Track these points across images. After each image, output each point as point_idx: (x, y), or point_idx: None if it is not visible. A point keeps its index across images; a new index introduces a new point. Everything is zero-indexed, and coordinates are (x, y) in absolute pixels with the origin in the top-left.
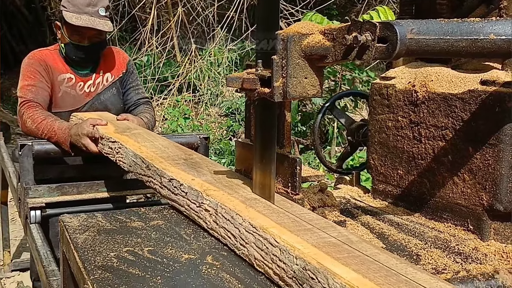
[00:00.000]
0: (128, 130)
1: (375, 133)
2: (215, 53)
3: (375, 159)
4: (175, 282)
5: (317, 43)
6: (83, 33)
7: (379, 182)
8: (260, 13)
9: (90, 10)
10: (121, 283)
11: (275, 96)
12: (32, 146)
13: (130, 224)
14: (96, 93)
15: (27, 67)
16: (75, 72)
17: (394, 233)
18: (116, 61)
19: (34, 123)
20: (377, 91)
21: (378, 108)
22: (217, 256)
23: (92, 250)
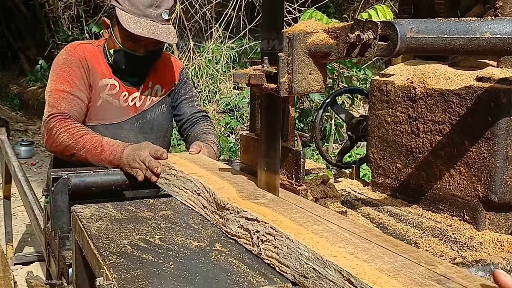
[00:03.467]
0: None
1: (375, 128)
2: (213, 51)
3: (374, 153)
4: (187, 267)
5: (321, 41)
6: (140, 41)
7: (378, 175)
8: (265, 11)
9: (152, 12)
10: (136, 268)
11: (281, 91)
12: (68, 179)
13: (140, 214)
14: (142, 110)
15: (64, 65)
16: (120, 79)
17: (393, 223)
18: (168, 71)
19: (73, 136)
20: (377, 87)
21: (377, 104)
22: (225, 244)
23: (106, 238)
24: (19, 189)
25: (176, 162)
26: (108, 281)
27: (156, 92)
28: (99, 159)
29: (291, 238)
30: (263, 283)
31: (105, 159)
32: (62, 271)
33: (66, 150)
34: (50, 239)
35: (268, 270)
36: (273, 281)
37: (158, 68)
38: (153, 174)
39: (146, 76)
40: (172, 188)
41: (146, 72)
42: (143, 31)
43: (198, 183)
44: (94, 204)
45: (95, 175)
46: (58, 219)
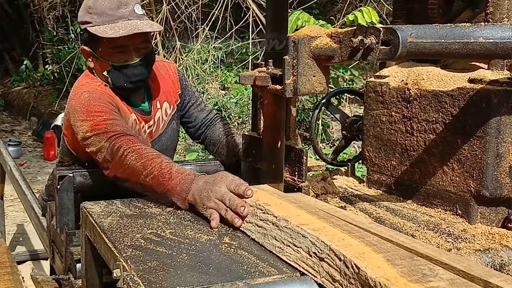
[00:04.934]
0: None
1: (370, 127)
2: (199, 51)
3: (370, 151)
4: (200, 258)
5: (324, 45)
6: (127, 46)
7: (373, 173)
8: (270, 16)
9: (123, 12)
10: (151, 259)
11: (286, 92)
12: (73, 178)
13: (149, 210)
14: (158, 135)
15: (92, 102)
16: (136, 111)
17: (390, 218)
18: (167, 82)
19: (141, 158)
20: (372, 88)
21: (372, 104)
22: (233, 237)
23: (119, 232)
24: (17, 189)
25: (269, 201)
26: (127, 271)
27: (165, 110)
28: (165, 189)
29: None
30: (273, 273)
31: (172, 189)
32: (69, 267)
33: (133, 175)
34: (55, 236)
35: (277, 260)
36: (283, 271)
37: (156, 81)
38: (237, 215)
39: (150, 96)
40: (269, 240)
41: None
42: (123, 31)
43: (318, 242)
44: (103, 201)
45: (99, 173)
46: (63, 216)
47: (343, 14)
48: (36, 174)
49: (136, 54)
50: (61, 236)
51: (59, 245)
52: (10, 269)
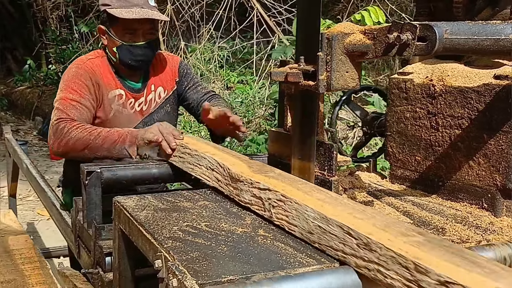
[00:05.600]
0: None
1: (393, 123)
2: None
3: (393, 147)
4: (239, 249)
5: (358, 41)
6: (137, 29)
7: (397, 168)
8: (301, 13)
9: (138, 1)
10: (192, 250)
11: (320, 88)
12: (101, 173)
13: (180, 204)
14: (149, 113)
15: (74, 77)
16: (126, 87)
17: (417, 211)
18: (167, 71)
19: (86, 130)
20: (395, 85)
21: (396, 100)
22: (267, 230)
23: (156, 225)
24: (35, 187)
25: (189, 142)
26: (171, 262)
27: (159, 94)
28: (116, 143)
29: (299, 202)
30: (312, 263)
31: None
32: (98, 260)
33: (81, 144)
34: (81, 231)
35: (314, 251)
36: (321, 261)
37: (157, 70)
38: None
39: (148, 80)
40: (186, 165)
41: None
42: (136, 16)
43: (212, 160)
44: (134, 195)
45: (126, 169)
46: (91, 211)
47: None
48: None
49: (143, 37)
50: (89, 230)
51: (86, 240)
52: (39, 263)
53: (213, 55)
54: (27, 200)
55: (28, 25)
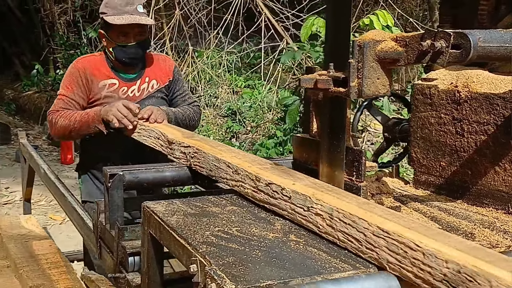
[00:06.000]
0: (195, 136)
1: (418, 129)
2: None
3: (417, 152)
4: (273, 254)
5: (390, 48)
6: (128, 33)
7: (421, 174)
8: (330, 21)
9: (129, 9)
10: (228, 255)
11: (351, 94)
12: (123, 176)
13: (209, 209)
14: (141, 98)
15: (68, 76)
16: (119, 77)
17: (444, 217)
18: (162, 68)
19: (66, 118)
20: (420, 91)
21: (420, 106)
22: (299, 235)
23: (188, 230)
24: (54, 191)
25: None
26: (209, 266)
27: (152, 85)
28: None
29: (206, 152)
30: (347, 268)
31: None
32: (121, 261)
33: (66, 130)
34: (103, 233)
35: (348, 256)
36: (356, 267)
37: (153, 66)
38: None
39: (143, 73)
40: (142, 137)
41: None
42: (125, 21)
43: (158, 131)
44: (162, 200)
45: (147, 172)
46: (114, 213)
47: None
48: None
49: (134, 39)
50: (112, 232)
51: (108, 241)
52: (66, 268)
53: (221, 60)
54: (39, 204)
55: (36, 30)
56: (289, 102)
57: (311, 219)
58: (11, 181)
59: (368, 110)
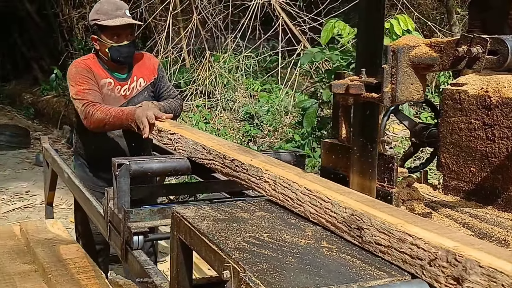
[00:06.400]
0: (180, 126)
1: (447, 134)
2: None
3: (446, 158)
4: (306, 261)
5: (424, 53)
6: (121, 34)
7: (450, 179)
8: (363, 26)
9: (119, 13)
10: (261, 262)
11: (384, 100)
12: (129, 165)
13: (238, 214)
14: (132, 96)
15: (77, 74)
16: (114, 77)
17: (476, 223)
18: (147, 67)
19: (103, 111)
20: (449, 96)
21: (450, 111)
22: (331, 241)
23: (220, 236)
24: (78, 195)
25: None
26: (242, 273)
27: (140, 83)
28: (122, 119)
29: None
30: (383, 276)
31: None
32: (127, 240)
33: (101, 122)
34: (112, 217)
35: (383, 264)
36: (392, 274)
37: (140, 66)
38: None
39: (131, 73)
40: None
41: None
42: (119, 23)
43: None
44: (191, 205)
45: (151, 162)
46: (121, 198)
47: None
48: None
49: (126, 39)
50: (119, 215)
51: (116, 224)
52: (94, 273)
53: (239, 64)
54: (60, 208)
55: (55, 35)
56: (306, 106)
57: (261, 185)
58: (32, 185)
59: (395, 115)
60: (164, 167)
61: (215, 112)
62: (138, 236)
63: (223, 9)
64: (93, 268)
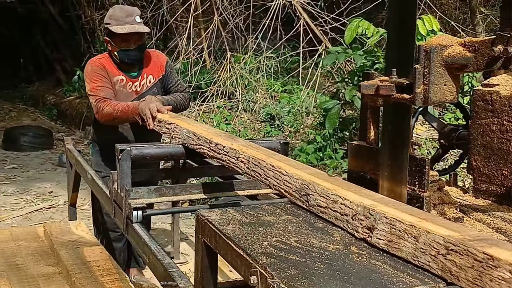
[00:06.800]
0: (178, 117)
1: (478, 137)
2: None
3: (477, 160)
4: (336, 267)
5: (458, 53)
6: (129, 39)
7: (481, 182)
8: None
9: (129, 20)
10: (289, 267)
11: (416, 101)
12: (130, 150)
13: (264, 218)
14: (141, 92)
15: (92, 72)
16: (126, 74)
17: (509, 228)
18: (156, 65)
19: (112, 107)
20: (480, 97)
21: (481, 113)
22: (360, 247)
23: (246, 240)
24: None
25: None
26: (270, 279)
27: (149, 80)
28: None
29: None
30: (416, 283)
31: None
32: (127, 215)
33: (110, 116)
34: (116, 196)
35: (415, 271)
36: (425, 282)
37: (148, 64)
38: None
39: (141, 70)
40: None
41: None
42: (127, 31)
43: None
44: (216, 209)
45: (149, 148)
46: (123, 179)
47: None
48: None
49: (134, 44)
50: (121, 193)
51: (119, 201)
52: (118, 275)
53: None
54: (82, 209)
55: (77, 37)
56: (328, 107)
57: (238, 165)
58: (55, 185)
59: (423, 116)
60: (162, 152)
61: (236, 113)
62: (137, 211)
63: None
64: (117, 270)
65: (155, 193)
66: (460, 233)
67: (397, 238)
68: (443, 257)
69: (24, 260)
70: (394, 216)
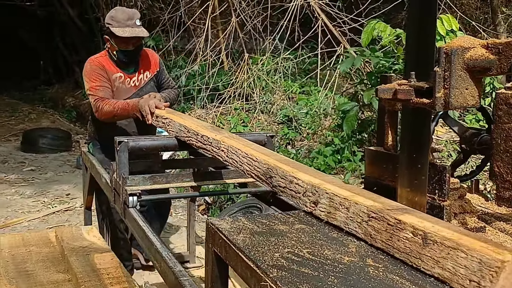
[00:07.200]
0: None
1: (501, 142)
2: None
3: (500, 167)
4: (351, 282)
5: (480, 56)
6: (128, 41)
7: (504, 190)
8: (413, 26)
9: (130, 23)
10: (301, 282)
11: (436, 106)
12: (127, 142)
13: (276, 227)
14: (140, 87)
15: (91, 71)
16: (123, 71)
17: None
18: (151, 62)
19: (111, 105)
20: (503, 100)
21: (504, 117)
22: (376, 259)
23: (256, 251)
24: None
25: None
26: None
27: (146, 75)
28: (128, 110)
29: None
30: None
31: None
32: (124, 200)
33: (110, 114)
34: (115, 184)
35: (434, 285)
36: None
37: (144, 61)
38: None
39: (138, 67)
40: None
41: (137, 64)
42: (127, 34)
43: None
44: (226, 217)
45: (145, 140)
46: (121, 168)
47: None
48: None
49: (132, 45)
50: (120, 181)
51: (117, 188)
52: (128, 284)
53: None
54: None
55: (96, 39)
56: (347, 108)
57: (219, 154)
58: (72, 188)
59: (444, 120)
60: (156, 144)
61: (253, 114)
62: (133, 197)
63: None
64: (127, 279)
65: (150, 180)
66: (382, 204)
67: (334, 210)
68: (366, 223)
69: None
70: (334, 191)
